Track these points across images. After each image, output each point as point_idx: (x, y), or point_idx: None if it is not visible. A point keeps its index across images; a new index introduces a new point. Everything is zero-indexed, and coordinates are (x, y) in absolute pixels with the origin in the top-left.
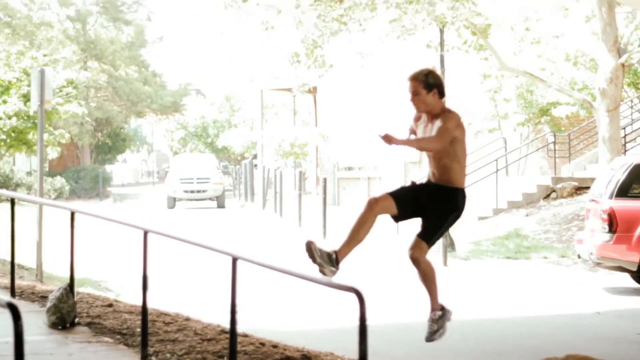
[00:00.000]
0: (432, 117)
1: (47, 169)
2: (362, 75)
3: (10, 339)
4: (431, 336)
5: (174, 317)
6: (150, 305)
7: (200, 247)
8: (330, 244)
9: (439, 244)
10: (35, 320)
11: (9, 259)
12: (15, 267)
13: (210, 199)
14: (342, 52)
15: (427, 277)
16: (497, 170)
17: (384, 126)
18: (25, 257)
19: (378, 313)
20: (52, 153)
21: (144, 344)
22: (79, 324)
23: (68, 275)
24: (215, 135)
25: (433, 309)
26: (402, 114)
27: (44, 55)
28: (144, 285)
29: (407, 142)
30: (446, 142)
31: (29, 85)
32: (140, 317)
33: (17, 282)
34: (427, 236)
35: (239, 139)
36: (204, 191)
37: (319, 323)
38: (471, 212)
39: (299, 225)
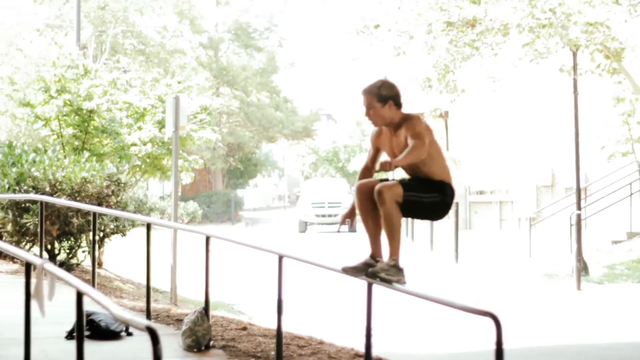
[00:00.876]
0: (395, 128)
1: (180, 194)
2: (494, 100)
3: None
4: (375, 274)
5: (308, 341)
6: (284, 328)
7: (334, 271)
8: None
9: (572, 267)
10: (171, 343)
11: (144, 282)
12: (151, 290)
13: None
14: (474, 77)
15: (391, 220)
16: (631, 194)
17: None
18: (160, 281)
19: (513, 336)
20: (186, 178)
21: None
22: (214, 347)
23: (201, 298)
24: (347, 160)
25: (392, 255)
26: (536, 138)
27: (178, 83)
28: (279, 308)
29: (401, 161)
30: (427, 147)
31: (163, 112)
32: (274, 340)
33: (153, 305)
34: (408, 187)
35: None
36: (335, 215)
37: (451, 346)
38: (605, 236)
39: (430, 250)
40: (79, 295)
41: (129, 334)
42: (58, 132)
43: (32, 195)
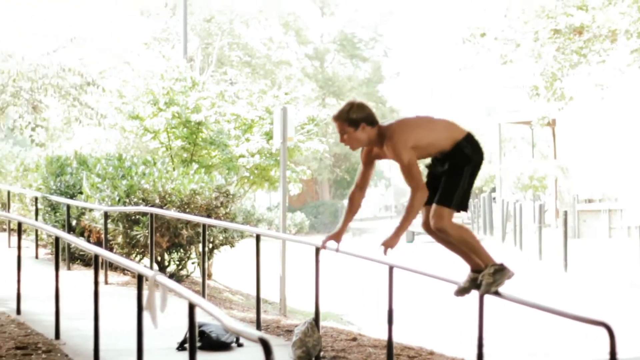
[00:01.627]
0: (378, 144)
1: (287, 205)
2: (602, 107)
3: None
4: (487, 291)
5: (418, 351)
6: (394, 339)
7: (446, 281)
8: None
9: None
10: (281, 354)
11: (253, 293)
12: (260, 301)
13: None
14: (582, 84)
15: (465, 241)
16: None
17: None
18: (269, 292)
19: (626, 346)
20: (294, 189)
21: None
22: (324, 357)
23: (310, 309)
24: None
25: (487, 264)
26: None
27: (286, 94)
28: (390, 319)
29: (401, 230)
30: (418, 174)
31: (271, 123)
32: (384, 351)
33: (262, 316)
34: (446, 198)
35: None
36: None
37: (563, 356)
38: None
39: (539, 259)
40: (191, 307)
41: (240, 345)
42: (167, 144)
43: (142, 208)
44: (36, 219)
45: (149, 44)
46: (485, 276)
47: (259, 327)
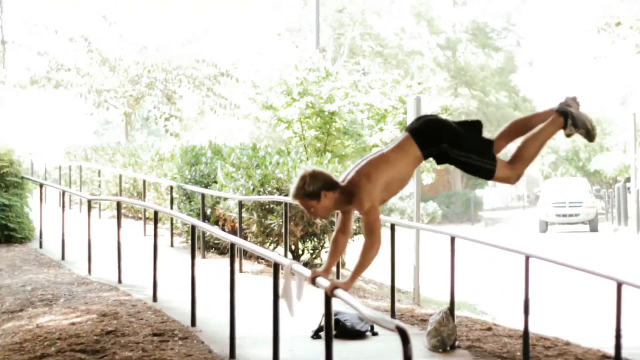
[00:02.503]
0: (345, 203)
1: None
2: None
3: None
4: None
5: (554, 341)
6: (529, 329)
7: (583, 271)
8: None
9: None
10: (416, 343)
11: (386, 282)
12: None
13: (583, 222)
14: None
15: (538, 133)
16: None
17: None
18: (402, 281)
19: None
20: (427, 179)
21: None
22: (459, 347)
23: (443, 298)
24: (587, 159)
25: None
26: None
27: (419, 84)
28: (526, 309)
29: (356, 276)
30: (378, 229)
31: (404, 113)
32: (520, 341)
33: (396, 305)
34: (479, 163)
35: (611, 163)
36: (576, 215)
37: None
38: None
39: None
40: (328, 296)
41: (374, 334)
42: (300, 134)
43: (277, 197)
44: (171, 208)
45: (282, 34)
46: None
47: (393, 316)
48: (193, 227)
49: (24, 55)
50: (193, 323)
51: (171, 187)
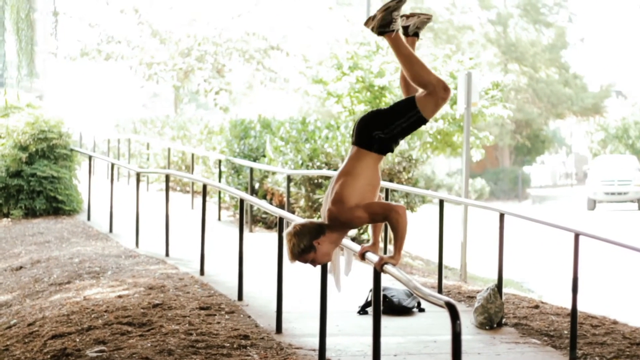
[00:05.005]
0: (341, 236)
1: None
2: None
3: (438, 337)
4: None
5: (601, 320)
6: (577, 307)
7: (632, 249)
8: None
9: None
10: (462, 320)
11: (432, 259)
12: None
13: (632, 201)
14: None
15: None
16: None
17: None
18: (448, 258)
19: None
20: (476, 155)
21: (573, 347)
22: (505, 324)
23: (490, 276)
24: (637, 137)
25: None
26: None
27: (470, 59)
28: (574, 287)
29: (401, 248)
30: (379, 206)
31: (455, 88)
32: (567, 319)
33: (443, 281)
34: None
35: None
36: (625, 193)
37: None
38: None
39: None
40: (377, 271)
41: (421, 310)
42: (350, 108)
43: (326, 171)
44: (219, 182)
45: (333, 8)
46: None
47: (440, 292)
48: (241, 201)
49: (75, 27)
50: (240, 297)
51: (219, 161)
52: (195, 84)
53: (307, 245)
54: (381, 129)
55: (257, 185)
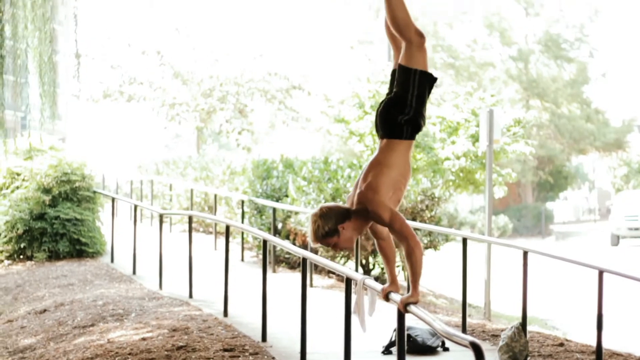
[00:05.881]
0: (365, 225)
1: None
2: None
3: None
4: None
5: (627, 357)
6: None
7: None
8: None
9: None
10: (487, 358)
11: (456, 297)
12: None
13: None
14: None
15: None
16: None
17: None
18: (472, 295)
19: None
20: (499, 192)
21: None
22: None
23: (514, 313)
24: None
25: None
26: None
27: (492, 96)
28: (599, 324)
29: (418, 284)
30: (407, 228)
31: (477, 126)
32: (592, 357)
33: (468, 320)
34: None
35: None
36: None
37: None
38: None
39: None
40: (400, 312)
41: (445, 349)
42: (372, 147)
43: None
44: (242, 222)
45: (354, 47)
46: None
47: (464, 331)
48: (264, 242)
49: (97, 69)
50: (264, 338)
51: (242, 201)
52: (218, 125)
53: (331, 228)
54: (402, 111)
55: (280, 226)
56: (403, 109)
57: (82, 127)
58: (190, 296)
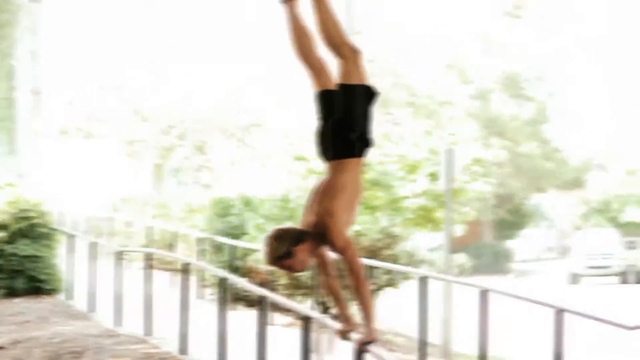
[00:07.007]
0: (319, 246)
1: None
2: None
3: None
4: None
5: None
6: None
7: (621, 327)
8: None
9: None
10: None
11: (415, 335)
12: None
13: (614, 274)
14: None
15: None
16: None
17: None
18: (431, 334)
19: None
20: (458, 230)
21: None
22: None
23: (474, 352)
24: (618, 210)
25: None
26: None
27: (450, 135)
28: None
29: (371, 320)
30: (358, 263)
31: (436, 164)
32: None
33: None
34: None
35: None
36: (607, 267)
37: None
38: None
39: None
40: (358, 350)
41: None
42: None
43: None
44: (200, 260)
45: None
46: None
47: None
48: (222, 280)
49: (55, 105)
50: None
51: (200, 239)
52: (177, 161)
53: (286, 250)
54: (352, 129)
55: (238, 264)
56: (352, 126)
57: (40, 163)
58: (148, 334)
